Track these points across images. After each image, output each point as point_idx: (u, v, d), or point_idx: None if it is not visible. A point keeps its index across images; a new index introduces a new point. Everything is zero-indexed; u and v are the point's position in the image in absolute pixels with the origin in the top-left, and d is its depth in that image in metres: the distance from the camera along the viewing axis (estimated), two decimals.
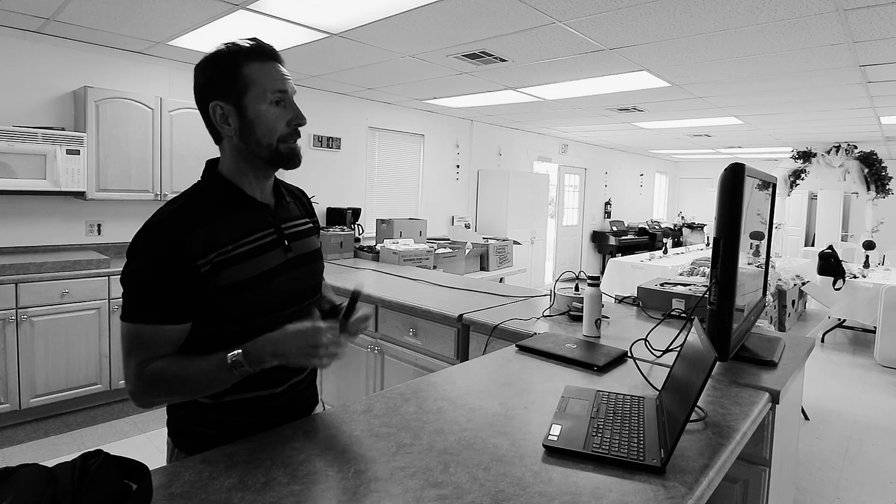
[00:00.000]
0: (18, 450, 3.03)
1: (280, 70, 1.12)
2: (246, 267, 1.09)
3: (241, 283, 1.08)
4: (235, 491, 0.92)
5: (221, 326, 1.09)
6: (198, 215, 1.07)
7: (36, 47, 3.68)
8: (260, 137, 1.10)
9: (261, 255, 1.12)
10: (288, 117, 1.12)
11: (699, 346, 1.19)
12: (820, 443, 3.37)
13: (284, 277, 1.16)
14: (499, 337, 2.18)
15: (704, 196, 12.61)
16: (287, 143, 1.13)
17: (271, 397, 1.18)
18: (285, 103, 1.12)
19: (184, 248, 1.02)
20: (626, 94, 5.00)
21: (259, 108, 1.09)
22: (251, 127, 1.10)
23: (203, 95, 1.11)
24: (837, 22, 2.86)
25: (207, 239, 1.05)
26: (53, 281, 3.33)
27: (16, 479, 0.73)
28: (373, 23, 3.19)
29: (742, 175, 1.41)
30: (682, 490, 0.97)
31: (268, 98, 1.09)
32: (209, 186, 1.15)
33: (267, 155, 1.12)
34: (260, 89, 1.08)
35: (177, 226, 1.04)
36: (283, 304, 1.16)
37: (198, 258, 1.03)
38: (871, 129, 6.58)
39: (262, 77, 1.09)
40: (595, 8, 2.80)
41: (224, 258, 1.06)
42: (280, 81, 1.11)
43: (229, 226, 1.09)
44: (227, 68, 1.09)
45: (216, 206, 1.10)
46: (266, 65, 1.10)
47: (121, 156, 3.80)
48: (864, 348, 5.53)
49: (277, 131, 1.11)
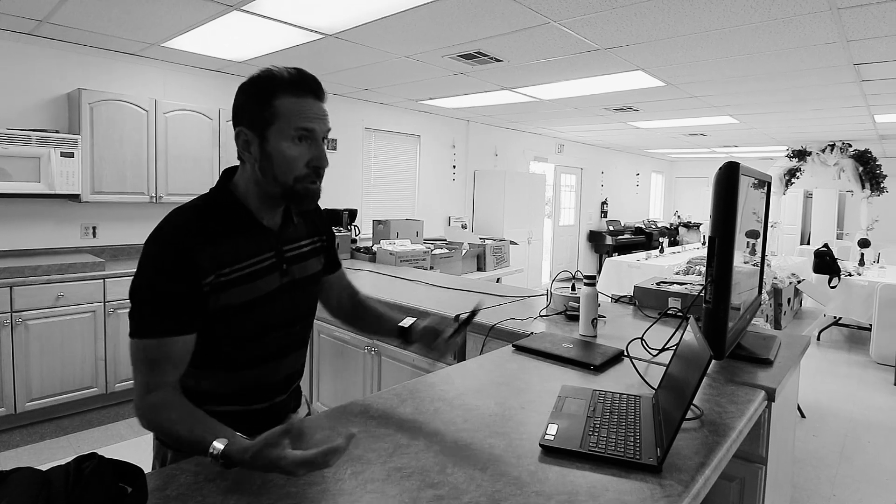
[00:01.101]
0: (13, 454, 3.01)
1: (314, 107, 1.07)
2: (242, 291, 1.08)
3: (237, 307, 1.08)
4: (231, 493, 0.92)
5: (214, 348, 1.10)
6: (206, 233, 1.05)
7: (29, 49, 3.67)
8: (277, 174, 1.07)
9: (257, 280, 1.11)
10: (308, 157, 1.07)
11: (695, 345, 1.20)
12: (816, 440, 3.38)
13: (279, 301, 1.16)
14: (496, 337, 2.18)
15: (700, 195, 12.64)
16: (304, 183, 1.08)
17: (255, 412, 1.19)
18: (310, 142, 1.07)
19: (192, 262, 1.02)
20: (621, 93, 5.01)
21: (280, 144, 1.05)
22: (270, 161, 1.06)
23: (235, 117, 1.10)
24: (831, 21, 2.88)
25: (212, 259, 1.04)
26: (48, 284, 3.31)
27: (10, 482, 0.72)
28: (368, 23, 3.19)
29: (736, 174, 1.41)
30: (679, 488, 0.97)
31: (290, 134, 1.05)
32: (218, 201, 1.12)
33: (280, 192, 1.09)
34: (285, 123, 1.04)
35: (187, 242, 1.03)
36: (275, 327, 1.17)
37: (203, 277, 1.03)
38: (865, 128, 6.61)
39: (290, 111, 1.04)
40: (590, 8, 2.81)
41: (222, 281, 1.06)
42: (308, 119, 1.05)
43: (232, 248, 1.08)
44: (259, 96, 1.06)
45: (224, 225, 1.09)
46: (300, 100, 1.05)
47: (115, 158, 3.78)
48: (859, 346, 5.55)
49: (295, 171, 1.07)
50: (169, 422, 1.01)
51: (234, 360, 1.13)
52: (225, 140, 4.29)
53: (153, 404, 1.02)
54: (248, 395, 1.17)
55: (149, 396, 1.02)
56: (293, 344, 1.24)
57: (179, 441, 1.00)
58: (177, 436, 1.00)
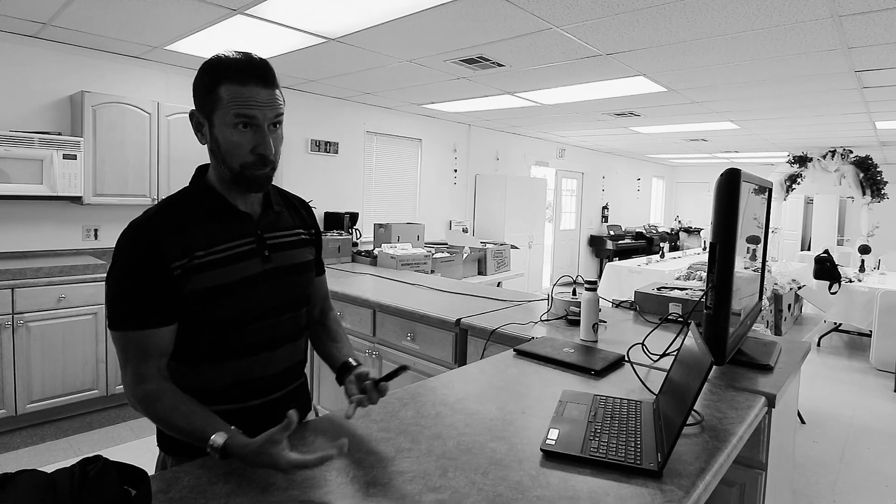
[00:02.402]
0: (14, 456, 3.01)
1: (257, 94, 1.04)
2: (218, 274, 1.08)
3: (212, 290, 1.07)
4: (234, 496, 0.93)
5: (196, 338, 1.10)
6: (175, 220, 1.07)
7: (33, 52, 3.69)
8: (224, 158, 1.07)
9: (236, 263, 1.11)
10: (252, 144, 1.06)
11: (696, 351, 1.20)
12: (816, 446, 3.37)
13: (261, 288, 1.14)
14: (496, 341, 2.18)
15: (701, 200, 12.65)
16: (251, 170, 1.08)
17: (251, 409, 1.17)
18: (254, 129, 1.05)
19: (158, 251, 1.03)
20: (622, 98, 5.02)
21: (224, 130, 1.05)
22: (217, 145, 1.08)
23: (193, 99, 1.10)
24: (832, 28, 2.89)
25: (181, 243, 1.05)
26: (49, 286, 3.32)
27: (15, 485, 0.73)
28: (371, 28, 3.21)
29: (737, 180, 1.42)
30: (679, 494, 0.97)
31: (231, 121, 1.04)
32: (193, 192, 1.14)
33: (229, 176, 1.09)
34: (225, 110, 1.04)
35: (153, 230, 1.05)
36: (258, 316, 1.15)
37: (172, 261, 1.04)
38: (866, 134, 6.62)
39: (232, 99, 1.03)
40: (592, 13, 2.82)
41: (196, 263, 1.06)
42: (248, 106, 1.03)
43: (205, 232, 1.09)
44: (204, 80, 1.06)
45: (195, 212, 1.10)
46: (243, 87, 1.03)
47: (117, 161, 3.79)
48: (859, 352, 5.55)
49: (240, 157, 1.06)
50: (164, 412, 1.03)
51: (217, 350, 1.11)
52: None
53: (146, 394, 1.04)
54: (242, 390, 1.15)
55: (139, 387, 1.04)
56: (284, 335, 1.21)
57: (178, 431, 1.03)
58: (174, 426, 1.02)
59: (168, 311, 1.05)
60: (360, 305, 2.94)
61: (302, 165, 5.20)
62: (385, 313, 2.79)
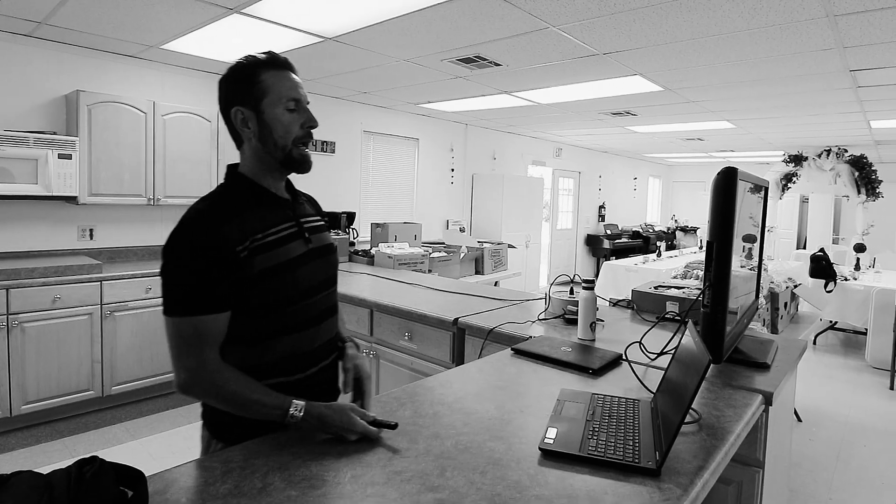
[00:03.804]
0: (9, 457, 3.00)
1: (293, 79, 1.21)
2: (274, 255, 1.17)
3: (272, 269, 1.16)
4: (232, 497, 0.92)
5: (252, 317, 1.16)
6: (230, 208, 1.15)
7: (27, 51, 3.67)
8: (277, 139, 1.19)
9: (287, 244, 1.20)
10: (301, 120, 1.21)
11: (693, 349, 1.20)
12: (812, 444, 3.39)
13: (308, 266, 1.24)
14: (494, 340, 2.18)
15: (697, 199, 12.68)
16: (299, 147, 1.21)
17: (297, 382, 1.23)
18: (299, 109, 1.21)
19: (221, 237, 1.10)
20: (619, 98, 5.03)
21: (275, 112, 1.18)
22: (268, 129, 1.19)
23: (225, 103, 1.21)
24: (828, 27, 2.90)
25: (240, 228, 1.13)
26: (44, 286, 3.30)
27: (11, 485, 0.72)
28: (367, 27, 3.20)
29: (735, 179, 1.42)
30: (678, 492, 0.97)
31: (283, 104, 1.18)
32: (234, 185, 1.22)
33: (281, 157, 1.20)
34: (276, 95, 1.18)
35: (214, 217, 1.12)
36: (308, 292, 1.24)
37: (236, 244, 1.11)
38: (861, 133, 6.65)
39: (277, 84, 1.18)
40: (589, 13, 2.82)
41: (257, 245, 1.14)
42: (294, 90, 1.20)
43: (257, 217, 1.18)
44: (245, 77, 1.18)
45: (243, 201, 1.19)
46: (280, 73, 1.19)
47: (113, 160, 3.78)
48: (855, 350, 5.57)
49: (292, 133, 1.20)
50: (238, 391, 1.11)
51: (270, 328, 1.19)
52: (223, 142, 4.29)
53: (215, 377, 1.11)
54: (290, 365, 1.22)
55: (206, 370, 1.10)
56: (325, 311, 1.30)
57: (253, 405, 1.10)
58: (248, 402, 1.10)
59: (228, 297, 1.12)
60: (357, 305, 2.93)
61: None
62: (382, 313, 2.79)
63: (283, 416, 1.09)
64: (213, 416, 1.23)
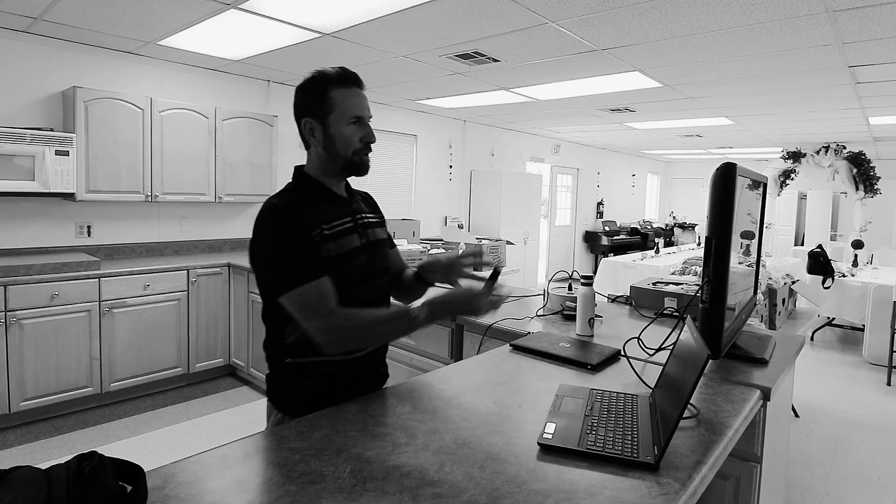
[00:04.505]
0: (8, 454, 3.00)
1: (359, 96, 1.35)
2: (336, 245, 1.33)
3: (333, 258, 1.31)
4: (231, 492, 0.92)
5: None
6: (302, 200, 1.33)
7: (24, 47, 3.65)
8: (339, 149, 1.35)
9: (346, 236, 1.36)
10: (361, 135, 1.35)
11: (692, 345, 1.20)
12: (810, 440, 3.40)
13: (361, 258, 1.39)
14: (493, 336, 2.18)
15: (695, 196, 12.69)
16: (359, 155, 1.36)
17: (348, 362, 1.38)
18: (360, 124, 1.35)
19: (301, 222, 1.27)
20: (618, 94, 5.02)
21: (339, 128, 1.33)
22: (332, 141, 1.34)
23: (298, 112, 1.37)
24: (827, 23, 2.89)
25: (313, 218, 1.30)
26: (42, 283, 3.30)
27: (10, 481, 0.72)
28: (365, 23, 3.19)
29: (734, 174, 1.42)
30: (676, 486, 0.97)
31: (347, 119, 1.33)
32: (301, 183, 1.39)
33: (342, 164, 1.37)
34: (341, 112, 1.33)
35: (290, 206, 1.29)
36: (363, 279, 1.39)
37: (311, 230, 1.28)
38: (859, 130, 6.65)
39: (344, 101, 1.33)
40: (587, 8, 2.82)
41: (325, 234, 1.31)
42: (358, 108, 1.34)
43: (322, 210, 1.34)
44: (317, 91, 1.33)
45: (310, 196, 1.35)
46: (349, 90, 1.34)
47: (110, 157, 3.77)
48: (852, 346, 5.59)
49: (352, 146, 1.35)
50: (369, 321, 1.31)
51: None
52: (221, 139, 4.28)
53: (342, 322, 1.27)
54: None
55: (333, 319, 1.25)
56: (376, 299, 1.45)
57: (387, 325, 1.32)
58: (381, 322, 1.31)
59: (321, 266, 1.28)
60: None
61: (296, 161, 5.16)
62: None
63: (409, 319, 1.27)
64: (273, 389, 1.41)
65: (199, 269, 4.02)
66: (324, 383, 1.37)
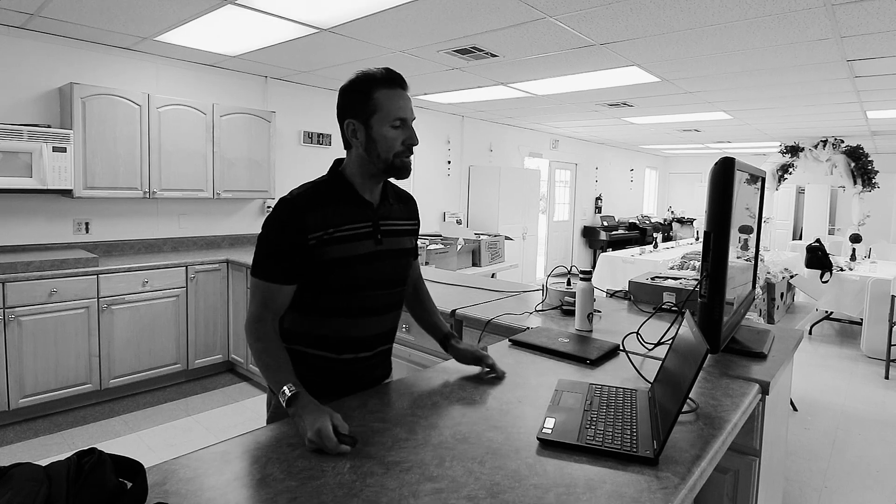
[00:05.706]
0: (8, 450, 3.00)
1: (403, 98, 1.34)
2: (343, 248, 1.32)
3: (337, 260, 1.32)
4: (231, 488, 0.92)
5: (316, 295, 1.34)
6: (316, 200, 1.32)
7: (20, 43, 3.63)
8: (380, 152, 1.33)
9: (357, 241, 1.35)
10: (403, 137, 1.33)
11: (691, 339, 1.21)
12: (808, 433, 3.41)
13: (371, 265, 1.38)
14: (492, 332, 2.19)
15: (694, 191, 12.69)
16: (400, 157, 1.35)
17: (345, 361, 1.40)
18: (403, 127, 1.34)
19: (301, 222, 1.28)
20: (616, 89, 5.01)
21: (382, 130, 1.31)
22: (373, 143, 1.32)
23: (341, 113, 1.36)
24: (825, 17, 2.89)
25: (320, 220, 1.30)
26: (41, 280, 3.29)
27: (10, 477, 0.72)
28: (363, 18, 3.18)
29: (732, 169, 1.42)
30: (675, 480, 0.98)
31: (390, 122, 1.31)
32: (330, 180, 1.39)
33: (383, 166, 1.35)
34: (384, 114, 1.31)
35: (299, 205, 1.30)
36: (365, 286, 1.38)
37: (309, 232, 1.28)
38: (857, 124, 6.65)
39: (387, 103, 1.31)
40: (586, 3, 2.81)
41: (326, 238, 1.30)
42: (402, 110, 1.32)
43: (337, 212, 1.33)
44: (361, 93, 1.32)
45: (331, 195, 1.35)
46: (392, 91, 1.32)
47: (108, 153, 3.75)
48: (850, 340, 5.61)
49: (394, 149, 1.33)
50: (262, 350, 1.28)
51: (328, 308, 1.36)
52: (218, 135, 4.26)
53: (256, 331, 1.30)
54: (339, 343, 1.38)
55: (255, 324, 1.30)
56: (382, 306, 1.43)
57: (264, 368, 1.28)
58: (263, 363, 1.28)
59: (293, 274, 1.30)
60: None
61: (294, 157, 5.17)
62: None
63: (278, 389, 1.20)
64: None
65: (198, 266, 4.01)
66: (326, 378, 1.39)
